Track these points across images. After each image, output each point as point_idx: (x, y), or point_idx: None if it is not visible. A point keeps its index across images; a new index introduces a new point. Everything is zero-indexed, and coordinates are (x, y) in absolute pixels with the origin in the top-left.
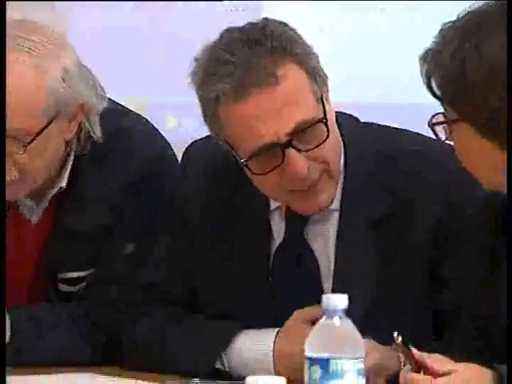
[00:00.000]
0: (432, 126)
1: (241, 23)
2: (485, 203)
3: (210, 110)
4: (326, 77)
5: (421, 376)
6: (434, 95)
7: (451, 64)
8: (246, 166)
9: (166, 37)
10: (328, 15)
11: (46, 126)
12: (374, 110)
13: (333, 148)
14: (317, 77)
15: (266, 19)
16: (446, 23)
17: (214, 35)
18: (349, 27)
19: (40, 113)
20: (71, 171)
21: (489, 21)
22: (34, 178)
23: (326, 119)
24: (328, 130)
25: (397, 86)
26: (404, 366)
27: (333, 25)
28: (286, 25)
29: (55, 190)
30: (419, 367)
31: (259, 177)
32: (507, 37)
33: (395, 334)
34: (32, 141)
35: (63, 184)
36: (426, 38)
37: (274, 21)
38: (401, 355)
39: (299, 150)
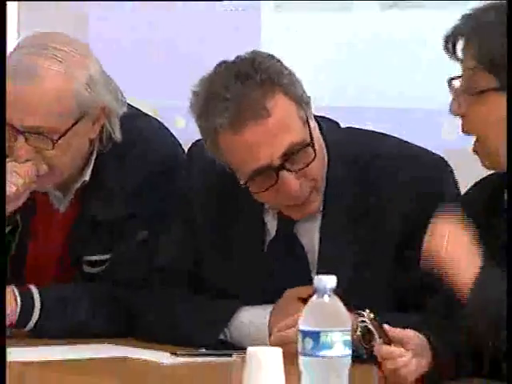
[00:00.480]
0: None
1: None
2: (445, 197)
3: (210, 139)
4: (309, 98)
5: (392, 348)
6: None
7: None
8: (249, 185)
9: (171, 40)
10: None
11: (72, 126)
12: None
13: (319, 165)
14: (302, 103)
15: (254, 52)
16: (475, 9)
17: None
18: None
19: (67, 114)
20: (93, 166)
21: None
22: (60, 172)
23: (313, 142)
24: (315, 151)
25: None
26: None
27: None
28: (273, 57)
29: (79, 184)
30: (390, 340)
31: (258, 194)
32: (507, 37)
33: (367, 311)
34: (59, 138)
35: (86, 178)
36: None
37: (262, 54)
38: (373, 330)
39: (291, 171)
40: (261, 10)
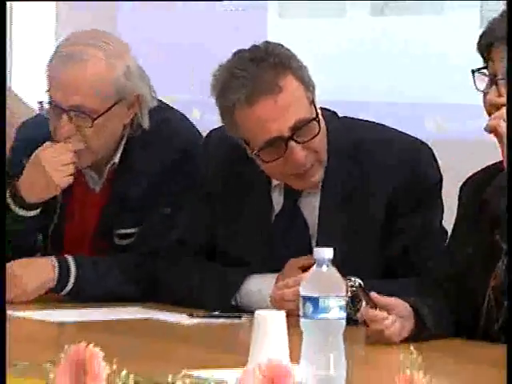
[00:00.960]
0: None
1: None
2: (427, 178)
3: (228, 115)
4: (314, 85)
5: (377, 312)
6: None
7: None
8: (258, 155)
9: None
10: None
11: (109, 108)
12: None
13: (321, 140)
14: (309, 86)
15: (267, 42)
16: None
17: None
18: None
19: (106, 97)
20: (123, 150)
21: None
22: (96, 151)
23: (318, 118)
24: (319, 126)
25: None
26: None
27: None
28: (283, 46)
29: (110, 165)
30: (375, 305)
31: (267, 164)
32: (507, 36)
33: (355, 279)
34: (98, 117)
35: (116, 160)
36: None
37: (274, 43)
38: (360, 295)
39: (298, 142)
40: (264, 10)
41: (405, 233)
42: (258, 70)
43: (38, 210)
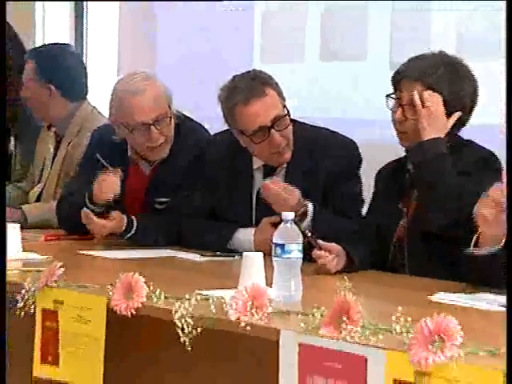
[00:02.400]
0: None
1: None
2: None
3: (231, 112)
4: (285, 97)
5: (322, 252)
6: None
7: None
8: (251, 139)
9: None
10: None
11: (169, 110)
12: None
13: (290, 131)
14: (282, 96)
15: (256, 70)
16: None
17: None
18: None
19: (164, 105)
20: None
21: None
22: (167, 144)
23: (289, 115)
24: (290, 121)
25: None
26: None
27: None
28: (265, 72)
29: (160, 159)
30: (321, 248)
31: (256, 145)
32: (507, 36)
33: (308, 231)
34: (169, 119)
35: (165, 156)
36: None
37: (261, 71)
38: (312, 242)
39: (276, 130)
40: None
41: (338, 197)
42: (251, 83)
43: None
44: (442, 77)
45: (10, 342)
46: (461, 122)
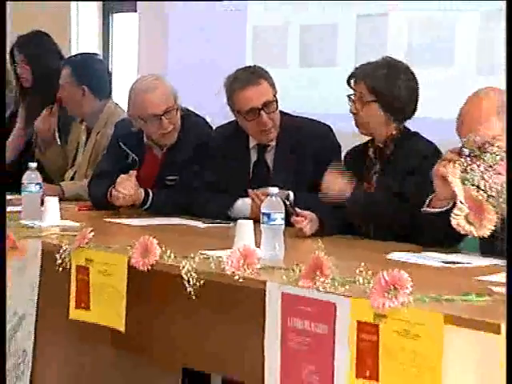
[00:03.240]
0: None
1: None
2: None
3: (231, 96)
4: (276, 88)
5: (298, 218)
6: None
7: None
8: (245, 117)
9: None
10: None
11: (175, 103)
12: None
13: (276, 114)
14: (274, 86)
15: (256, 65)
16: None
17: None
18: None
19: (171, 99)
20: None
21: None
22: (175, 132)
23: (276, 101)
24: (277, 105)
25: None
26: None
27: None
28: (264, 69)
29: (170, 144)
30: (298, 215)
31: (248, 123)
32: (507, 36)
33: (291, 198)
34: (177, 111)
35: (173, 141)
36: None
37: (260, 67)
38: (290, 210)
39: (265, 112)
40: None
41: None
42: (249, 75)
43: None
44: (382, 77)
45: (50, 294)
46: (406, 116)
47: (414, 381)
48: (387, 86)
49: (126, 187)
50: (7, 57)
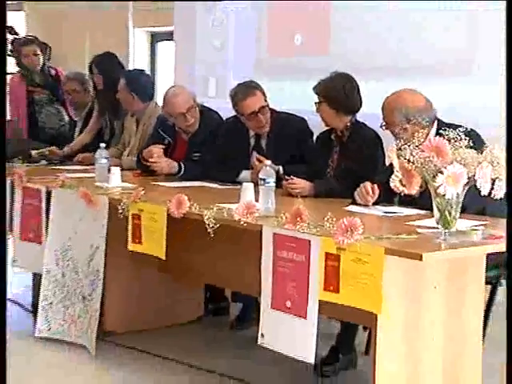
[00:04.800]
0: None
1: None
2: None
3: (235, 104)
4: (266, 97)
5: (287, 183)
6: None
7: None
8: (246, 118)
9: None
10: None
11: (194, 103)
12: None
13: (268, 115)
14: (265, 95)
15: (252, 80)
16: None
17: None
18: None
19: (191, 100)
20: None
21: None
22: (195, 124)
23: (268, 106)
24: (269, 110)
25: None
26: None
27: None
28: (257, 83)
29: (193, 131)
30: (287, 180)
31: (249, 121)
32: (507, 36)
33: (280, 170)
34: (196, 108)
35: (195, 129)
36: None
37: (254, 81)
38: (282, 177)
39: (261, 114)
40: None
41: (302, 154)
42: (247, 88)
43: None
44: (327, 85)
45: (115, 233)
46: (352, 111)
47: (362, 291)
48: (330, 90)
49: (164, 162)
50: (87, 70)
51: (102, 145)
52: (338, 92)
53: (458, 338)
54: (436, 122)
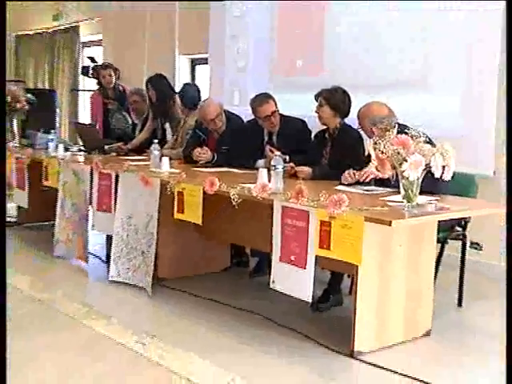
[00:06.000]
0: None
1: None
2: (307, 133)
3: (253, 110)
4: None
5: (290, 168)
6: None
7: (335, 95)
8: (262, 120)
9: None
10: None
11: (220, 111)
12: None
13: (278, 117)
14: (275, 103)
15: (266, 92)
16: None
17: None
18: None
19: (219, 109)
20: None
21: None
22: (223, 125)
23: (278, 111)
24: (278, 114)
25: None
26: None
27: None
28: (270, 94)
29: (221, 131)
30: (293, 168)
31: (264, 122)
32: (507, 37)
33: (287, 158)
34: (222, 115)
35: (223, 129)
36: None
37: (268, 93)
38: (288, 165)
39: (274, 117)
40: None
41: (303, 147)
42: (262, 97)
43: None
44: (329, 93)
45: (164, 205)
46: (344, 115)
47: (347, 249)
48: (333, 97)
49: (201, 153)
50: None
51: (155, 141)
52: (338, 99)
53: (416, 282)
54: (397, 125)
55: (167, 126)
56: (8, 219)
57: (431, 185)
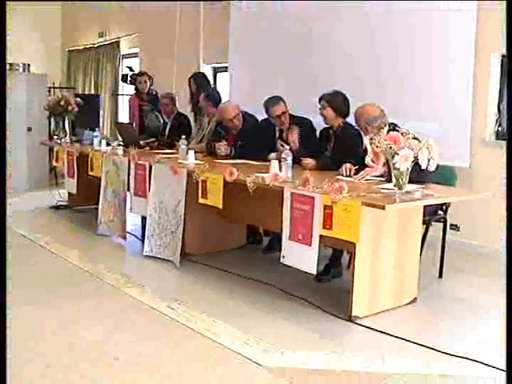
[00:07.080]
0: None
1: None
2: (312, 129)
3: (266, 110)
4: (286, 105)
5: (301, 161)
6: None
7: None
8: (274, 119)
9: None
10: None
11: (238, 112)
12: None
13: (287, 116)
14: (285, 104)
15: (277, 95)
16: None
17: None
18: None
19: (237, 110)
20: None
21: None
22: (240, 124)
23: (288, 111)
24: (288, 114)
25: None
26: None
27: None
28: (281, 96)
29: (239, 129)
30: (300, 160)
31: (275, 121)
32: (507, 37)
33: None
34: (239, 115)
35: (239, 127)
36: None
37: (279, 96)
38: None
39: (284, 116)
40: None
41: (309, 142)
42: (274, 99)
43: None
44: (332, 96)
45: (190, 192)
46: (345, 115)
47: (347, 229)
48: (334, 99)
49: (221, 147)
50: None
51: (183, 136)
52: (339, 101)
53: (404, 256)
54: (388, 124)
55: (197, 124)
56: (60, 203)
57: (418, 175)
